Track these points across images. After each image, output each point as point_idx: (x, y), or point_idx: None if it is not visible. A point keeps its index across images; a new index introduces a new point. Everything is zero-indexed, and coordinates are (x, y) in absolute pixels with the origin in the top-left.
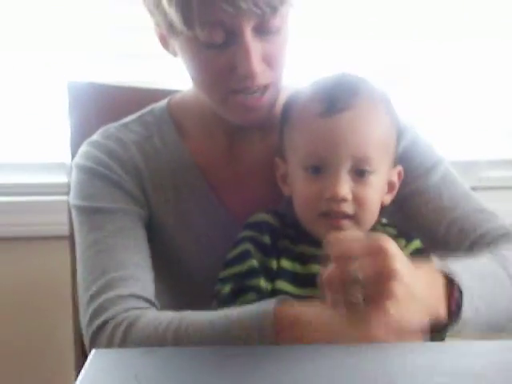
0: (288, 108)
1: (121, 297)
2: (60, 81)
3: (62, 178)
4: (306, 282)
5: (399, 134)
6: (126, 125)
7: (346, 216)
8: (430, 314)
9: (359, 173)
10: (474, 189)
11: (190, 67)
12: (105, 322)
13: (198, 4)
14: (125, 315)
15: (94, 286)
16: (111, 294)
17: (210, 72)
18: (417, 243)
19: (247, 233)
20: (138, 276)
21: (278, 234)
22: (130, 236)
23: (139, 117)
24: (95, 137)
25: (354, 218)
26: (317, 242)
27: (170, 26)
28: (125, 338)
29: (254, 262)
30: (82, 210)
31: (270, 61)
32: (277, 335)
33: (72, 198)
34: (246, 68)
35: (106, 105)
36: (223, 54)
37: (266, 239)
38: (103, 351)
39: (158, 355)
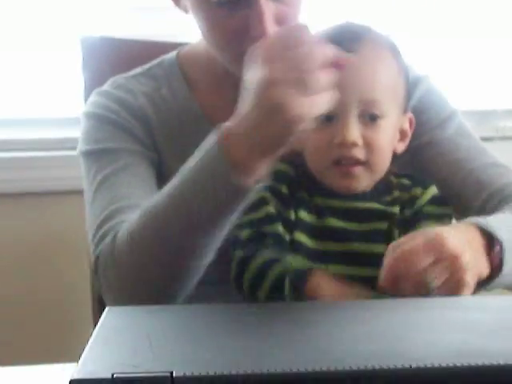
0: None
1: (120, 223)
2: (74, 35)
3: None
4: (323, 235)
5: (413, 84)
6: (135, 76)
7: (358, 162)
8: (477, 274)
9: (368, 117)
10: (490, 139)
11: (202, 26)
12: (105, 244)
13: None
14: (116, 229)
15: (98, 218)
16: (113, 222)
17: (222, 32)
18: (433, 189)
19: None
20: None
21: (295, 185)
22: (135, 174)
23: (148, 69)
24: (104, 87)
25: (366, 164)
26: (333, 194)
27: None
28: (113, 250)
29: (272, 209)
30: (89, 154)
31: (283, 21)
32: (232, 158)
33: (80, 146)
34: (259, 30)
35: (120, 59)
36: (235, 15)
37: (284, 189)
38: (116, 309)
39: (170, 313)
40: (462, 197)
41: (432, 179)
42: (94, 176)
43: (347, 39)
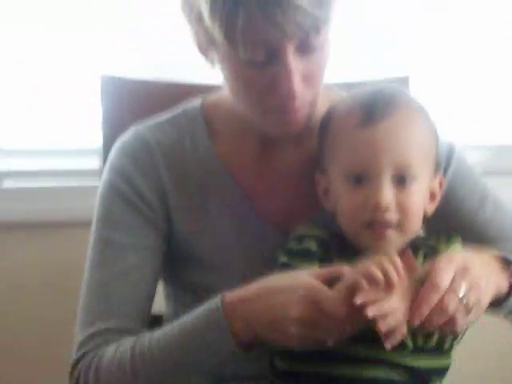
0: (327, 121)
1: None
2: (95, 73)
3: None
4: None
5: (447, 159)
6: (158, 125)
7: (391, 225)
8: (495, 289)
9: (401, 180)
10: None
11: (229, 81)
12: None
13: (243, 22)
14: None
15: (87, 325)
16: (99, 341)
17: (250, 89)
18: (457, 246)
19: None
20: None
21: (326, 247)
22: (135, 281)
23: (172, 117)
24: (126, 137)
25: (399, 227)
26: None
27: (211, 40)
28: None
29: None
30: (98, 234)
31: (310, 79)
32: (232, 325)
33: (96, 210)
34: (287, 89)
35: (137, 99)
36: (264, 73)
37: (320, 251)
38: None
39: None
40: None
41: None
42: (96, 265)
43: (380, 103)
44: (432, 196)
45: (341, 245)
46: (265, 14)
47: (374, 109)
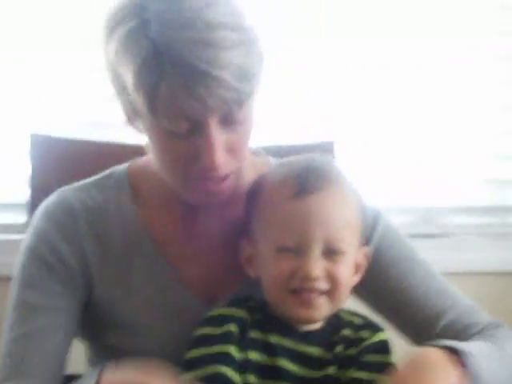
0: (256, 191)
1: None
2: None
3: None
4: (273, 375)
5: (373, 225)
6: (83, 188)
7: (319, 292)
8: None
9: (331, 253)
10: (432, 236)
11: (154, 150)
12: None
13: (165, 96)
14: None
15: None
16: None
17: (174, 160)
18: (382, 335)
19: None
20: None
21: (247, 325)
22: (42, 341)
23: (99, 180)
24: (50, 200)
25: (328, 295)
26: (288, 331)
27: (135, 110)
28: None
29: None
30: (15, 293)
31: (233, 150)
32: None
33: (16, 271)
34: (210, 160)
35: (66, 158)
36: (187, 144)
37: (234, 329)
38: None
39: None
40: (417, 330)
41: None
42: (12, 324)
43: (313, 176)
44: (357, 267)
45: (262, 316)
46: (187, 87)
47: (307, 181)
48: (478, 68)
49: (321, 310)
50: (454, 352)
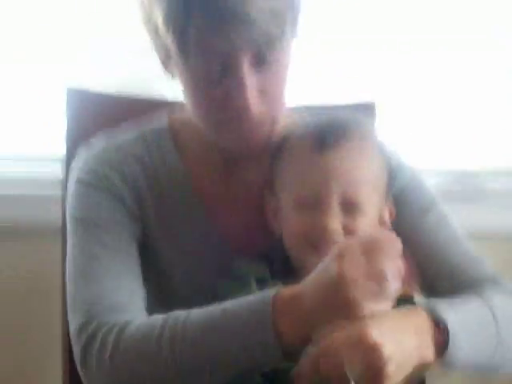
0: (281, 145)
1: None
2: (61, 84)
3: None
4: None
5: (394, 174)
6: (126, 140)
7: None
8: (418, 362)
9: (349, 208)
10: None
11: (186, 94)
12: (94, 335)
13: (195, 36)
14: (114, 324)
15: (85, 312)
16: (102, 322)
17: (205, 102)
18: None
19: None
20: (130, 306)
21: (265, 281)
22: (124, 259)
23: (140, 134)
24: (96, 148)
25: None
26: None
27: (168, 52)
28: (117, 343)
29: None
30: (80, 222)
31: (266, 94)
32: (278, 320)
33: (71, 210)
34: (241, 101)
35: (103, 113)
36: (219, 85)
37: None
38: None
39: None
40: (435, 285)
41: None
42: (83, 245)
43: (335, 132)
44: (382, 225)
45: (285, 269)
46: (215, 27)
47: (328, 136)
48: None
49: None
50: (437, 322)
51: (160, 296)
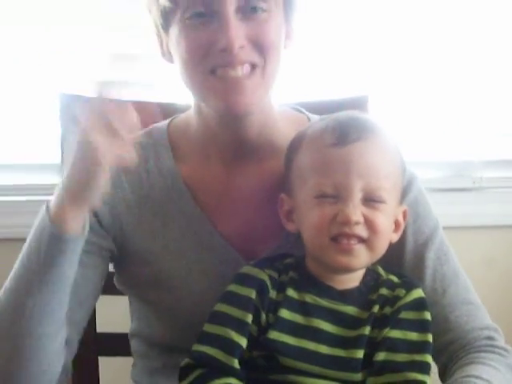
0: (296, 144)
1: None
2: (53, 89)
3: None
4: (308, 335)
5: (409, 181)
6: None
7: (358, 239)
8: None
9: (370, 202)
10: (468, 189)
11: (176, 52)
12: None
13: None
14: None
15: None
16: None
17: (192, 48)
18: (417, 293)
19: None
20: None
21: (282, 285)
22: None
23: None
24: None
25: (366, 243)
26: (324, 290)
27: (162, 11)
28: None
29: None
30: None
31: (255, 41)
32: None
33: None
34: (225, 41)
35: None
36: (205, 31)
37: (253, 294)
38: None
39: None
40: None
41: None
42: None
43: (356, 125)
44: (396, 226)
45: (299, 276)
46: None
47: (350, 130)
48: None
49: (360, 258)
50: None
51: (160, 308)
